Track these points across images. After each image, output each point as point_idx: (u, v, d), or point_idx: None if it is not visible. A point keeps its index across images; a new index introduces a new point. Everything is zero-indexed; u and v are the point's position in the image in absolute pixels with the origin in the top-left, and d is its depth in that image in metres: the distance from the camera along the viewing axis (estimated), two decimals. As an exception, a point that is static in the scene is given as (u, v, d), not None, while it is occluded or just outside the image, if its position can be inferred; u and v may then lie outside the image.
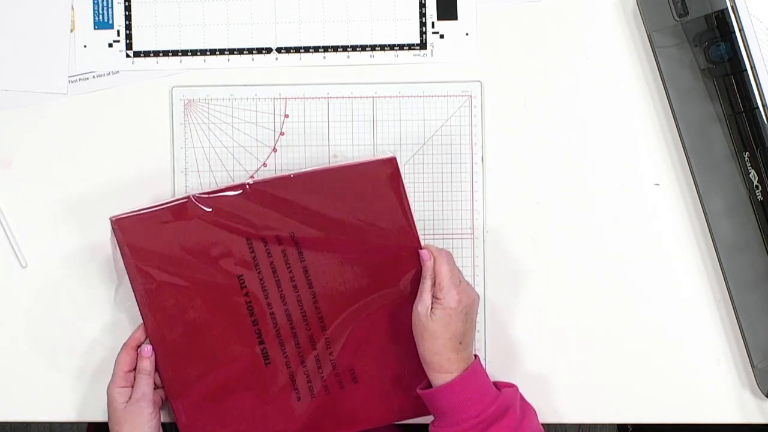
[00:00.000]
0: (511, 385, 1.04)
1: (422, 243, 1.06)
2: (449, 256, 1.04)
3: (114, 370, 1.04)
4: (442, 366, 1.00)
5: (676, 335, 1.11)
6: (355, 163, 1.04)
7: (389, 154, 1.05)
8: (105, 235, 1.11)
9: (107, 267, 1.11)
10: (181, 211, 1.03)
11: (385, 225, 1.04)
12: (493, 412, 0.99)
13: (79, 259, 1.11)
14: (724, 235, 1.09)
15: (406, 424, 1.11)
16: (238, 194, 1.03)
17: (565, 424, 1.15)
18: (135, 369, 1.05)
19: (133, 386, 1.04)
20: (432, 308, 1.01)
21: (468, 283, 1.04)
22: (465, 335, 1.01)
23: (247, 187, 1.03)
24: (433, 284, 1.02)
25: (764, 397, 1.09)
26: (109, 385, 1.04)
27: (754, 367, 1.09)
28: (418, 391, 1.03)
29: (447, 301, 1.00)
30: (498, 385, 1.04)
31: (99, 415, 1.12)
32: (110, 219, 1.03)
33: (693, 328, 1.11)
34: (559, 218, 1.11)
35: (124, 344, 1.05)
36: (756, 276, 1.08)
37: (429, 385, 1.03)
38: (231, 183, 1.05)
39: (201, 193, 1.03)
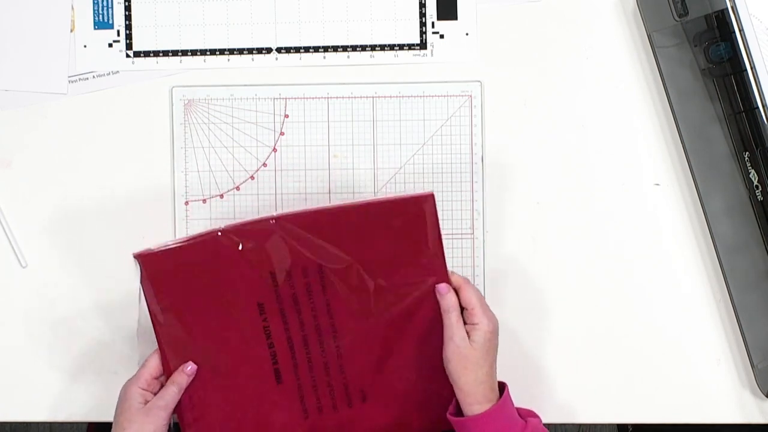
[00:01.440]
0: (534, 414, 1.03)
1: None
2: (470, 282, 1.03)
3: (140, 372, 1.02)
4: (484, 396, 0.99)
5: (676, 335, 1.11)
6: (390, 199, 1.01)
7: (427, 191, 1.02)
8: (105, 235, 1.11)
9: (107, 267, 1.11)
10: (209, 245, 1.00)
11: (415, 260, 1.02)
12: None
13: (79, 259, 1.11)
14: (724, 235, 1.09)
15: None
16: (265, 228, 1.00)
17: (565, 424, 1.14)
18: (161, 378, 1.03)
19: (154, 393, 1.02)
20: (470, 336, 1.00)
21: (488, 307, 1.03)
22: (494, 363, 1.01)
23: (273, 221, 1.00)
24: (459, 315, 1.01)
25: (764, 397, 1.09)
26: (130, 382, 1.02)
27: (754, 367, 1.09)
28: (450, 417, 1.01)
29: (485, 325, 1.00)
30: (520, 412, 1.03)
31: (99, 415, 1.12)
32: (134, 255, 1.00)
33: (693, 328, 1.11)
34: (559, 218, 1.11)
35: (157, 350, 1.03)
36: (756, 276, 1.08)
37: (456, 411, 1.02)
38: (257, 217, 1.01)
39: (229, 227, 1.00)
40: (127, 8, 1.12)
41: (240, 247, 1.00)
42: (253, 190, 1.12)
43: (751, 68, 1.02)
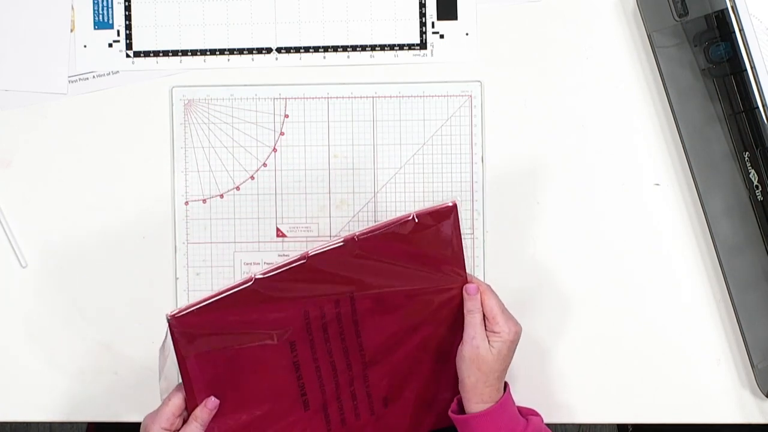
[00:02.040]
0: (536, 413, 1.04)
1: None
2: (491, 289, 1.03)
3: (162, 409, 0.98)
4: (489, 396, 1.00)
5: (676, 335, 1.11)
6: (416, 214, 0.99)
7: (449, 202, 1.00)
8: (105, 235, 1.11)
9: (106, 267, 1.11)
10: (240, 295, 0.97)
11: (438, 269, 1.01)
12: None
13: (79, 260, 1.11)
14: (724, 235, 1.09)
15: None
16: (295, 269, 0.97)
17: (565, 424, 1.14)
18: (182, 414, 1.00)
19: (176, 430, 0.99)
20: (489, 342, 1.00)
21: (511, 315, 1.03)
22: (509, 366, 1.02)
23: (304, 261, 0.96)
24: (482, 318, 1.01)
25: (764, 397, 1.09)
26: (151, 420, 0.99)
27: (754, 367, 1.09)
28: (452, 415, 1.02)
29: (506, 333, 1.00)
30: (521, 411, 1.03)
31: (99, 416, 1.12)
32: (167, 316, 0.95)
33: (693, 328, 1.11)
34: (559, 218, 1.11)
35: (180, 386, 1.00)
36: (756, 276, 1.08)
37: (458, 408, 1.03)
38: (288, 260, 0.97)
39: (264, 275, 0.96)
40: (127, 8, 1.12)
41: (272, 288, 0.97)
42: (253, 190, 1.12)
43: (751, 68, 1.02)
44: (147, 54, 1.12)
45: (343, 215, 1.12)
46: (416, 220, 0.98)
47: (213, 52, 1.12)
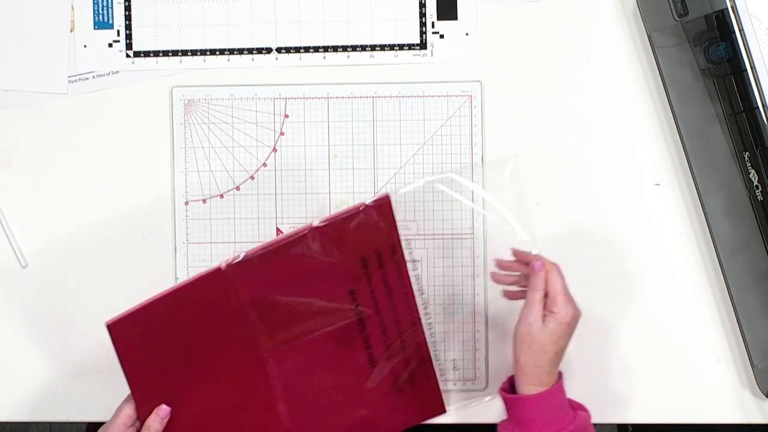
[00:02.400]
0: (584, 408, 1.03)
1: (534, 252, 1.03)
2: (560, 269, 1.01)
3: (114, 421, 0.98)
4: (540, 379, 0.99)
5: (676, 335, 1.11)
6: (345, 212, 0.97)
7: (383, 193, 0.99)
8: (105, 235, 1.11)
9: (106, 267, 1.11)
10: (182, 296, 0.96)
11: (382, 263, 1.00)
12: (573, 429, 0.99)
13: (79, 259, 1.11)
14: (724, 235, 1.09)
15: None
16: (219, 271, 0.96)
17: (565, 424, 1.14)
18: (135, 424, 0.99)
19: None
20: (545, 321, 0.98)
21: (573, 300, 1.01)
22: (563, 351, 1.00)
23: (224, 267, 0.96)
24: (542, 297, 0.99)
25: (764, 397, 1.09)
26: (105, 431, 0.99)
27: (754, 367, 1.09)
28: (501, 393, 1.01)
29: (563, 315, 0.98)
30: (571, 404, 1.02)
31: (99, 416, 1.11)
32: (106, 323, 0.95)
33: (693, 328, 1.11)
34: (559, 218, 1.11)
35: (130, 397, 1.00)
36: (756, 276, 1.08)
37: (510, 388, 1.02)
38: (206, 270, 0.96)
39: (186, 282, 0.96)
40: (127, 8, 1.12)
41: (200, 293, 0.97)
42: (253, 190, 1.12)
43: (751, 68, 1.02)
44: (147, 54, 1.12)
45: (343, 215, 1.12)
46: (353, 215, 0.96)
47: (213, 52, 1.12)
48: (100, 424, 1.08)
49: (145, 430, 0.99)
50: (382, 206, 0.97)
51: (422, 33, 1.12)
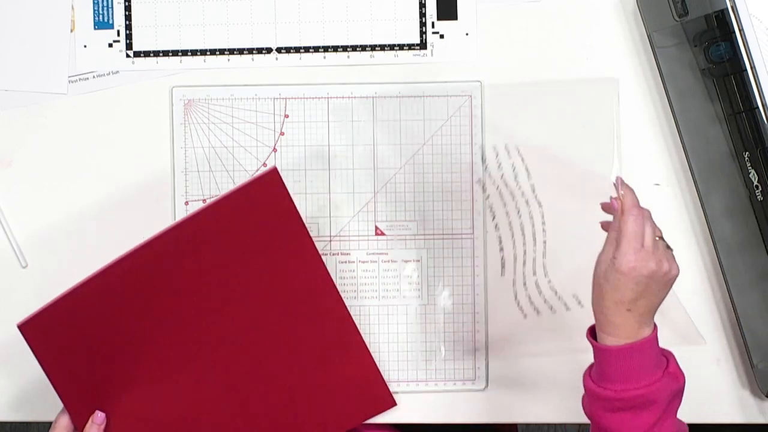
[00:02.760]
0: (681, 374, 0.95)
1: (620, 186, 0.95)
2: (641, 215, 0.93)
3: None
4: (605, 327, 0.92)
5: (677, 335, 1.10)
6: (232, 190, 0.96)
7: (269, 167, 0.98)
8: (105, 235, 1.11)
9: (107, 267, 1.11)
10: (94, 288, 0.96)
11: (281, 243, 0.99)
12: (640, 395, 0.92)
13: (79, 259, 1.11)
14: (724, 235, 1.09)
15: (404, 424, 1.11)
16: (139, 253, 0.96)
17: (565, 424, 1.15)
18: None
19: None
20: (610, 264, 0.92)
21: (655, 252, 0.93)
22: (635, 303, 0.91)
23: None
24: (616, 237, 0.93)
25: (764, 397, 1.09)
26: None
27: (754, 367, 1.09)
28: (588, 336, 0.95)
29: (619, 263, 0.91)
30: (664, 353, 0.95)
31: (99, 415, 1.12)
32: (17, 326, 0.95)
33: (693, 328, 1.11)
34: (560, 218, 1.11)
35: (65, 408, 1.01)
36: (756, 276, 1.08)
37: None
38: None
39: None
40: (127, 8, 1.12)
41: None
42: (253, 190, 1.12)
43: (751, 68, 1.02)
44: (147, 54, 1.12)
45: (343, 215, 1.12)
46: (239, 192, 0.96)
47: (213, 52, 1.12)
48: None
49: None
50: (271, 182, 0.96)
51: (422, 33, 1.12)
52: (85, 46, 1.12)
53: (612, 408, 0.92)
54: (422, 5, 1.11)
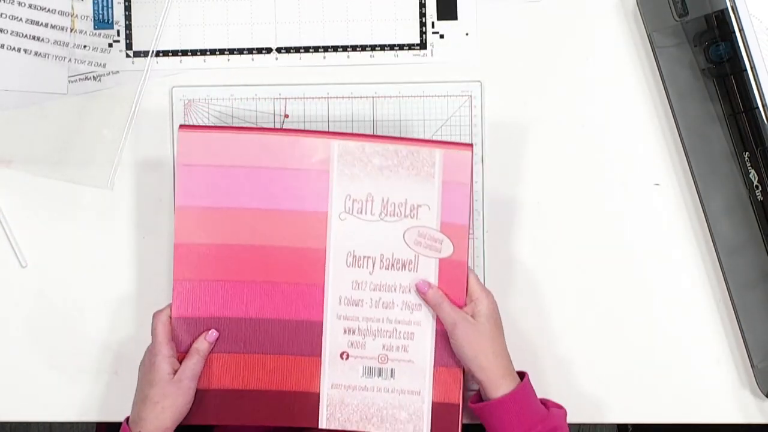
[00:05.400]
0: (560, 407, 1.04)
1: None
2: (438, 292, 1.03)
3: (158, 338, 1.01)
4: (507, 369, 1.01)
5: (676, 335, 1.11)
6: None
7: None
8: (105, 235, 1.11)
9: (107, 267, 1.11)
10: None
11: None
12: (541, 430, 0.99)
13: (79, 259, 1.11)
14: (724, 235, 1.09)
15: None
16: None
17: (565, 424, 1.14)
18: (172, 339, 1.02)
19: (180, 360, 1.02)
20: (474, 315, 1.01)
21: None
22: (499, 346, 1.01)
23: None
24: (450, 303, 1.01)
25: (764, 397, 1.09)
26: (155, 351, 1.01)
27: (754, 367, 1.09)
28: (472, 405, 1.02)
29: (483, 298, 1.02)
30: (546, 404, 1.03)
31: (99, 416, 1.12)
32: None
33: (693, 328, 1.11)
34: (559, 218, 1.11)
35: (160, 314, 1.03)
36: (756, 276, 1.08)
37: (478, 399, 1.03)
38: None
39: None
40: (127, 8, 1.12)
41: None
42: (253, 190, 1.12)
43: (751, 68, 1.02)
44: (147, 54, 1.12)
45: (343, 215, 1.12)
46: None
47: (213, 52, 1.12)
48: (111, 424, 1.07)
49: (194, 354, 1.02)
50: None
51: (422, 33, 1.12)
52: (85, 46, 1.12)
53: None
54: (422, 5, 1.11)
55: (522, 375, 1.02)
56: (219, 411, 1.04)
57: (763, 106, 1.02)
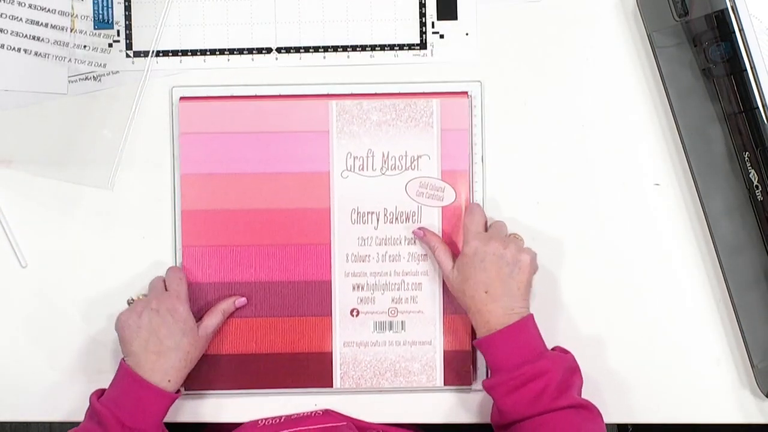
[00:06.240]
0: (566, 352, 1.04)
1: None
2: (476, 207, 1.06)
3: (182, 290, 1.04)
4: (479, 325, 1.02)
5: (676, 335, 1.11)
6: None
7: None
8: (105, 235, 1.11)
9: (107, 267, 1.11)
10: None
11: None
12: (528, 370, 0.99)
13: (79, 259, 1.11)
14: (724, 235, 1.09)
15: (404, 424, 1.11)
16: None
17: (565, 424, 1.14)
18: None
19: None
20: (454, 265, 1.04)
21: (497, 235, 1.04)
22: (490, 285, 1.01)
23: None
24: (444, 248, 1.04)
25: (764, 397, 1.09)
26: (180, 301, 1.03)
27: (754, 367, 1.09)
28: (474, 343, 1.03)
29: (463, 251, 1.03)
30: (554, 349, 1.04)
31: (99, 415, 1.11)
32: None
33: (693, 328, 1.11)
34: (559, 218, 1.11)
35: (175, 269, 1.07)
36: (756, 276, 1.08)
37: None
38: None
39: None
40: (127, 8, 1.12)
41: None
42: (253, 190, 1.12)
43: (751, 68, 1.02)
44: (147, 54, 1.12)
45: (343, 215, 1.12)
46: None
47: (213, 52, 1.12)
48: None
49: (219, 312, 1.05)
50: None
51: (422, 33, 1.12)
52: (85, 46, 1.12)
53: (508, 389, 0.98)
54: (422, 5, 1.11)
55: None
56: (234, 377, 1.07)
57: (763, 106, 1.02)
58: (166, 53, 1.12)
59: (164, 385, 1.00)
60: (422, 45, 1.12)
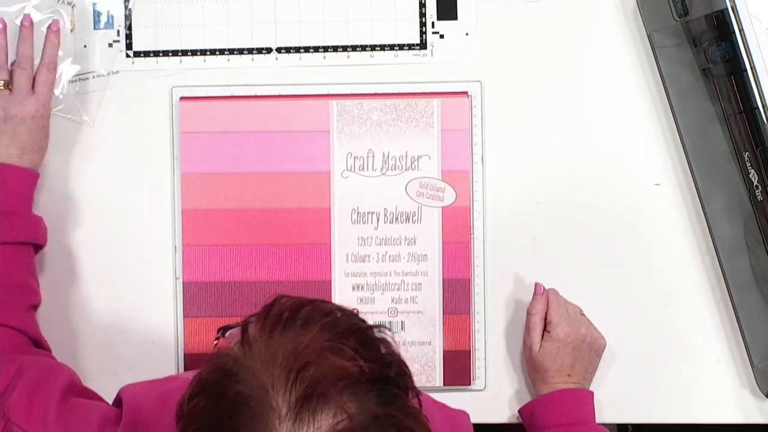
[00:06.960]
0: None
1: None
2: (556, 292, 1.07)
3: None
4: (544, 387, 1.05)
5: (676, 335, 1.11)
6: None
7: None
8: (105, 235, 1.11)
9: (106, 267, 1.11)
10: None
11: None
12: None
13: (79, 260, 1.11)
14: (724, 235, 1.08)
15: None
16: None
17: (565, 424, 1.14)
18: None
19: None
20: (542, 341, 1.04)
21: (580, 320, 1.06)
22: (573, 368, 1.04)
23: None
24: (541, 318, 1.05)
25: (764, 397, 1.09)
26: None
27: (754, 367, 1.09)
28: (520, 412, 1.06)
29: (556, 333, 1.04)
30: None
31: (99, 415, 1.11)
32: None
33: (693, 328, 1.11)
34: (559, 218, 1.11)
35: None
36: (756, 276, 1.08)
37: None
38: None
39: None
40: (127, 8, 1.12)
41: None
42: (253, 190, 1.12)
43: (751, 68, 1.02)
44: (147, 54, 1.12)
45: (343, 215, 1.12)
46: None
47: (213, 52, 1.12)
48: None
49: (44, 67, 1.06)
50: None
51: (422, 33, 1.12)
52: (85, 46, 1.12)
53: None
54: (422, 5, 1.11)
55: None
56: None
57: (763, 106, 1.02)
58: (166, 53, 1.12)
59: (19, 161, 1.02)
60: (422, 45, 1.12)
